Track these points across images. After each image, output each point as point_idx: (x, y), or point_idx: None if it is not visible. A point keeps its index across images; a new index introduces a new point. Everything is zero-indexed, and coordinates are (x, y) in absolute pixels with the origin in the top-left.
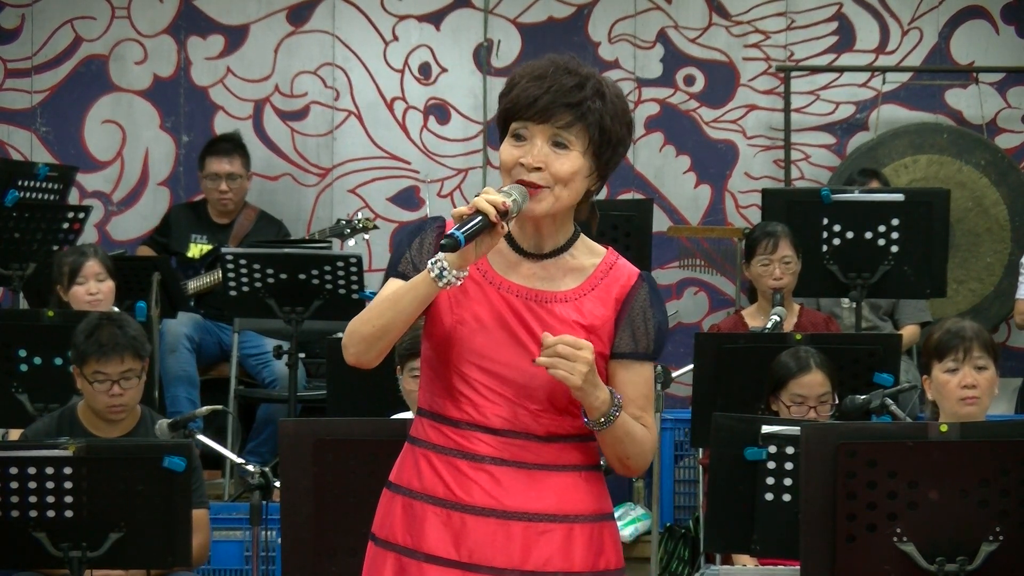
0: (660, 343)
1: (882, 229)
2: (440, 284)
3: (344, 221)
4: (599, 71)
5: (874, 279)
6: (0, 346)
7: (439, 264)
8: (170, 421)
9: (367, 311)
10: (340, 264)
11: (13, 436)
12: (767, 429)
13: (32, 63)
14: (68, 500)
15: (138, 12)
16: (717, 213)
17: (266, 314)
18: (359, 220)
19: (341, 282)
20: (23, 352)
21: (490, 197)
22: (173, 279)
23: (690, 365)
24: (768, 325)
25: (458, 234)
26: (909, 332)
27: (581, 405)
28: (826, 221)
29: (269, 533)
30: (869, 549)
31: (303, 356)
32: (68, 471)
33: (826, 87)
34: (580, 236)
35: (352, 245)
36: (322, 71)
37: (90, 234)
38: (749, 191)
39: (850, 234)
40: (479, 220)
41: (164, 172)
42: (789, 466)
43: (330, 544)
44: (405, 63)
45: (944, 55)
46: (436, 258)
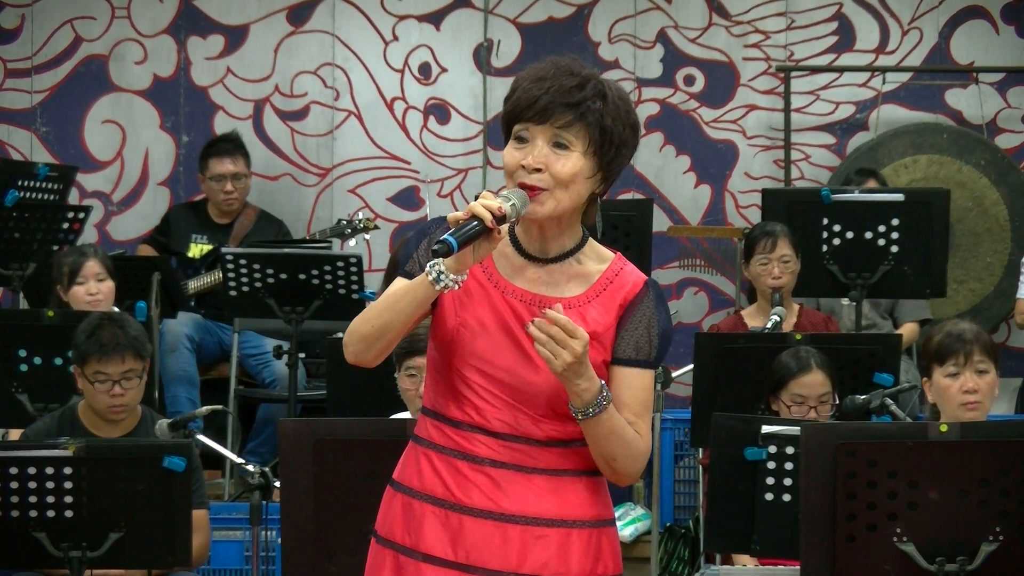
0: (663, 351)
1: (882, 229)
2: (437, 287)
3: (344, 221)
4: (600, 72)
5: (874, 279)
6: (0, 346)
7: (436, 268)
8: (170, 421)
9: (368, 310)
10: (340, 264)
11: (13, 436)
12: (767, 429)
13: (32, 63)
14: (68, 500)
15: (138, 12)
16: (717, 213)
17: (266, 314)
18: (359, 220)
19: (341, 282)
20: (23, 352)
21: (486, 202)
22: (173, 279)
23: (690, 365)
24: (768, 325)
25: (451, 239)
26: (909, 330)
27: None
28: (826, 221)
29: (269, 533)
30: (869, 549)
31: (303, 356)
32: (68, 471)
33: (826, 87)
34: (589, 241)
35: (352, 245)
36: (322, 71)
37: (90, 234)
38: (749, 191)
39: (850, 234)
40: (474, 225)
41: (164, 172)
42: (789, 466)
43: (330, 544)
44: (405, 63)
45: (944, 55)
46: (434, 261)
